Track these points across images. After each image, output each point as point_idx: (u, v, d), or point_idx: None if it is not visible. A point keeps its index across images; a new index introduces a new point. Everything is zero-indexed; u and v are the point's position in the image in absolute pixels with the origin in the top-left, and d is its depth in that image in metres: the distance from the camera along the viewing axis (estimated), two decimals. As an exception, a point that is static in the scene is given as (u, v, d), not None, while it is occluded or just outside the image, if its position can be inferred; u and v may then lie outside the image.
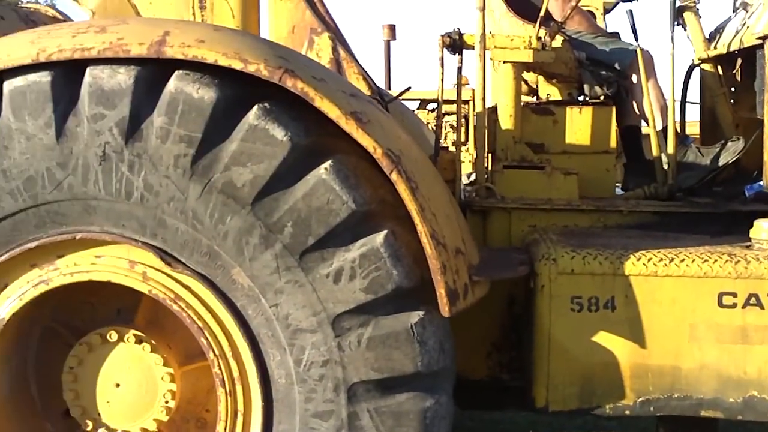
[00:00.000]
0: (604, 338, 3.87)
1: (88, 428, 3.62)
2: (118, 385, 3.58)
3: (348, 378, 3.28)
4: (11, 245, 3.37)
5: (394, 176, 3.25)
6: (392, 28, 10.47)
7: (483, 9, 4.44)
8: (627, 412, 3.88)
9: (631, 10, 5.21)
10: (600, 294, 3.89)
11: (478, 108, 4.59)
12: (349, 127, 3.23)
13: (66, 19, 7.25)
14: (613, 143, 4.90)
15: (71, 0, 4.62)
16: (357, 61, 4.50)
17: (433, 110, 10.87)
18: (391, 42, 10.46)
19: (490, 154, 4.81)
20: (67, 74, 3.28)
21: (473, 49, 4.54)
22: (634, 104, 5.10)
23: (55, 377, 3.66)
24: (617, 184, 5.36)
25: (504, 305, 4.37)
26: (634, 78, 5.03)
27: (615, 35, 5.53)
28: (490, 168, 4.76)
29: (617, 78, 5.07)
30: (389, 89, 8.99)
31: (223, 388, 3.35)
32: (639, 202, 4.61)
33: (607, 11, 8.50)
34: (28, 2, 7.70)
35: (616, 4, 8.31)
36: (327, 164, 3.23)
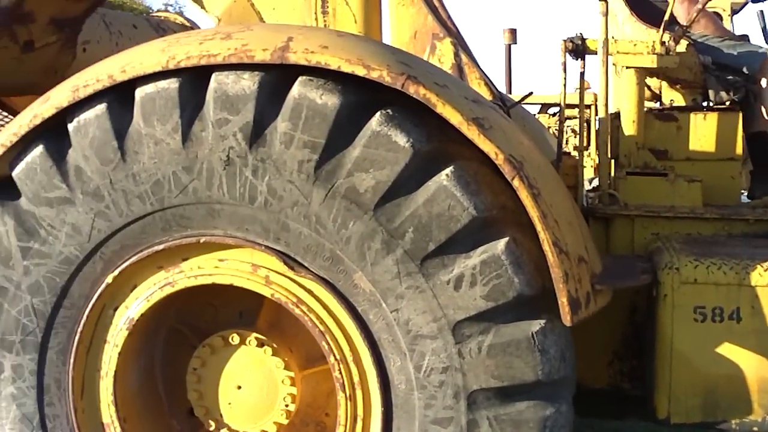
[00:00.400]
0: (728, 350, 3.77)
1: (211, 428, 3.68)
2: (239, 387, 3.62)
3: (468, 385, 3.26)
4: (140, 247, 3.45)
5: (516, 182, 3.22)
6: (513, 32, 10.44)
7: (606, 14, 4.37)
8: (755, 429, 3.77)
9: (761, 11, 5.08)
10: (724, 304, 3.80)
11: (601, 113, 4.53)
12: (471, 133, 3.21)
13: (194, 26, 7.42)
14: (739, 150, 4.78)
15: (199, 7, 4.69)
16: (479, 66, 4.49)
17: (553, 114, 10.81)
18: (512, 46, 10.42)
19: (612, 160, 4.74)
20: (194, 80, 3.34)
21: (596, 54, 4.49)
22: (763, 110, 4.96)
23: (180, 377, 3.73)
24: (743, 192, 5.22)
25: (626, 314, 4.30)
26: (764, 82, 4.89)
27: (744, 38, 5.39)
28: (612, 174, 4.69)
29: (745, 83, 4.94)
30: (510, 93, 8.94)
31: (344, 393, 3.36)
32: (767, 211, 4.48)
33: (735, 12, 8.29)
34: (157, 11, 7.88)
35: (745, 4, 8.11)
36: (448, 170, 3.21)
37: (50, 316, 3.58)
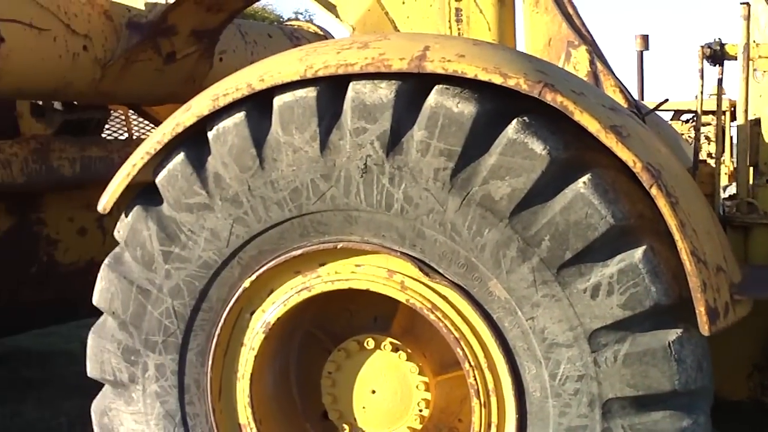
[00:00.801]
0: None
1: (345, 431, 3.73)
2: (373, 392, 3.65)
3: (603, 394, 3.22)
4: (278, 253, 3.52)
5: (654, 191, 3.17)
6: (645, 38, 10.29)
7: (748, 17, 4.27)
8: None
9: None
10: None
11: (740, 120, 4.42)
12: (609, 141, 3.18)
13: (327, 34, 7.51)
14: None
15: (333, 17, 4.75)
16: (613, 74, 4.44)
17: (686, 121, 10.60)
18: (644, 52, 10.27)
19: (751, 168, 4.63)
20: (332, 89, 3.38)
21: (734, 59, 4.39)
22: None
23: (315, 380, 3.78)
24: None
25: (767, 325, 4.19)
26: None
27: None
28: (751, 182, 4.57)
29: None
30: (642, 100, 8.81)
31: (478, 399, 3.36)
32: None
33: None
34: (288, 19, 8.03)
35: None
36: (585, 178, 3.18)
37: (190, 318, 3.68)
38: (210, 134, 3.52)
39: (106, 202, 3.76)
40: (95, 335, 3.88)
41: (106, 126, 6.69)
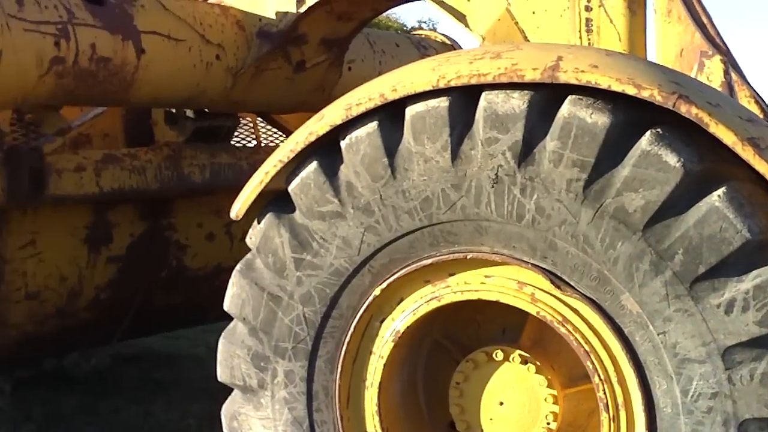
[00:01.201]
0: None
1: (472, 443, 3.73)
2: (501, 404, 3.65)
3: (739, 413, 3.16)
4: (408, 261, 3.55)
5: (793, 205, 3.11)
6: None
7: None
8: None
9: None
10: None
11: None
12: (746, 153, 3.12)
13: (453, 44, 7.53)
14: None
15: (462, 26, 4.77)
16: (749, 84, 4.35)
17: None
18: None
19: None
20: (463, 99, 3.40)
21: None
22: None
23: (442, 390, 3.80)
24: None
25: None
26: None
27: None
28: None
29: None
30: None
31: (607, 414, 3.33)
32: None
33: None
34: (412, 28, 8.09)
35: None
36: (720, 191, 3.13)
37: (320, 325, 3.73)
38: (343, 143, 3.58)
39: (238, 208, 3.85)
40: (226, 340, 3.97)
41: (235, 133, 6.82)
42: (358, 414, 3.78)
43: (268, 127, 7.13)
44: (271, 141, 7.26)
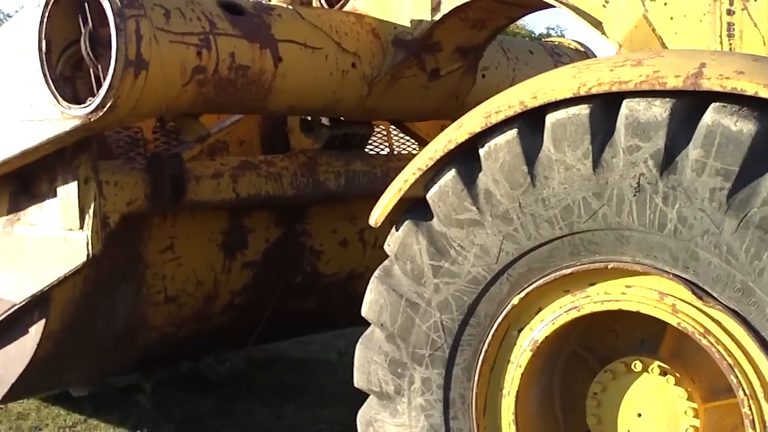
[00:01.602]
0: None
1: (608, 454, 3.68)
2: (639, 415, 3.60)
3: None
4: (547, 271, 3.54)
5: None
6: None
7: None
8: None
9: None
10: None
11: None
12: None
13: (587, 51, 7.47)
14: None
15: (599, 33, 4.72)
16: None
17: None
18: None
19: None
20: (604, 107, 3.37)
21: None
22: None
23: (578, 400, 3.78)
24: None
25: None
26: None
27: None
28: None
29: None
30: None
31: (753, 430, 3.26)
32: None
33: None
34: (539, 35, 8.05)
35: None
36: None
37: (457, 333, 3.75)
38: (481, 151, 3.59)
39: (377, 215, 3.90)
40: (363, 346, 4.02)
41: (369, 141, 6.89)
42: (494, 422, 3.78)
43: (401, 134, 7.17)
44: (404, 149, 7.30)
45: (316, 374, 8.17)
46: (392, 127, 7.17)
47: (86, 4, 4.57)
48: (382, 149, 7.19)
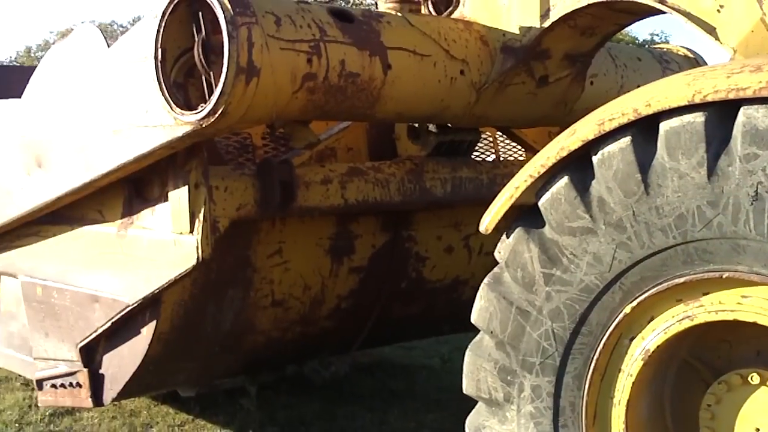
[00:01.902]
0: None
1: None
2: (757, 430, 3.54)
3: None
4: (660, 279, 3.51)
5: None
6: None
7: None
8: None
9: None
10: None
11: None
12: None
13: (697, 57, 7.37)
14: None
15: (712, 39, 4.67)
16: None
17: None
18: None
19: None
20: (719, 114, 3.33)
21: None
22: None
23: (690, 412, 3.73)
24: None
25: None
26: None
27: None
28: None
29: None
30: None
31: None
32: None
33: None
34: (643, 41, 7.94)
35: None
36: None
37: (568, 341, 3.74)
38: (594, 158, 3.57)
39: (488, 222, 3.91)
40: (472, 353, 4.02)
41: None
42: (604, 431, 3.76)
43: (508, 141, 7.17)
44: (510, 155, 7.30)
45: (420, 380, 8.21)
46: (498, 133, 7.17)
47: (200, 13, 4.66)
48: (488, 155, 7.19)
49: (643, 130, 3.49)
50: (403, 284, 6.50)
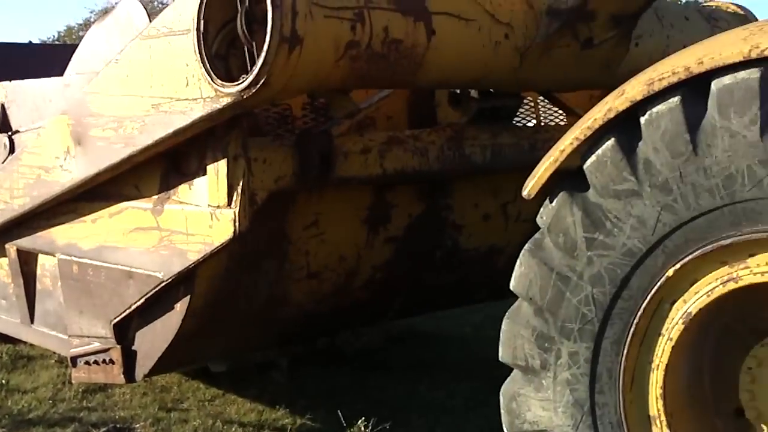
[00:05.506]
0: None
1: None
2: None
3: None
4: (704, 242, 3.56)
5: None
6: None
7: None
8: None
9: None
10: None
11: None
12: None
13: (747, 14, 7.33)
14: None
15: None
16: None
17: None
18: None
19: None
20: None
21: None
22: None
23: (730, 376, 3.80)
24: None
25: None
26: None
27: None
28: None
29: None
30: None
31: None
32: None
33: None
34: (702, 1, 7.91)
35: None
36: None
37: (608, 306, 3.80)
38: (642, 119, 3.62)
39: (531, 187, 3.96)
40: (510, 320, 4.08)
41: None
42: (641, 397, 3.82)
43: (549, 105, 7.19)
44: (551, 120, 7.31)
45: (451, 349, 8.29)
46: (540, 98, 7.19)
47: (244, -18, 4.70)
48: (529, 121, 7.22)
49: (694, 90, 3.53)
50: (438, 253, 6.55)
